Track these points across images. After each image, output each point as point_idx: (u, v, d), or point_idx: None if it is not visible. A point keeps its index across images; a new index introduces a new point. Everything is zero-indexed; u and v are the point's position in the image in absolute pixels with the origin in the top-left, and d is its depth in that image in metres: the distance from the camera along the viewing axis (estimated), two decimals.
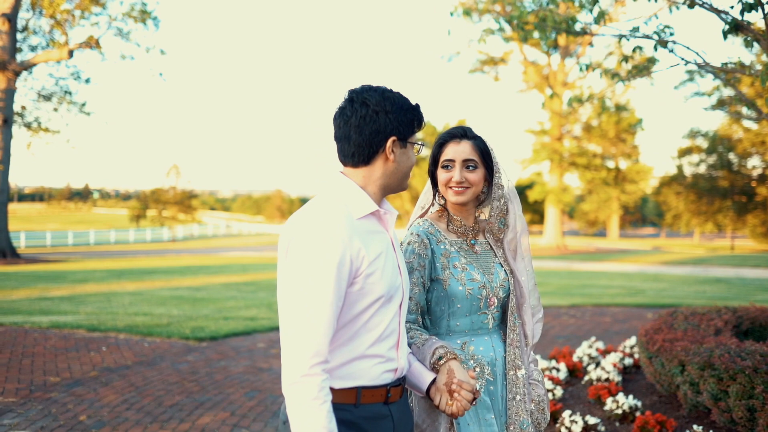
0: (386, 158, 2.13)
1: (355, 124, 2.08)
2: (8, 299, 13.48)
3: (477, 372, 2.55)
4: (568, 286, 17.81)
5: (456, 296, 2.54)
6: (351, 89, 2.15)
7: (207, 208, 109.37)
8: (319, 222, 1.99)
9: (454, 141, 2.63)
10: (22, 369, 7.32)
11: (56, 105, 27.98)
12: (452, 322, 2.57)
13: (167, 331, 9.49)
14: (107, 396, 6.41)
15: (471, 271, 2.58)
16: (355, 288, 2.01)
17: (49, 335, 9.04)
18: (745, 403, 4.46)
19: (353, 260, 1.98)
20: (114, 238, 50.97)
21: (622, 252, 42.14)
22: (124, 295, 14.52)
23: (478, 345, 2.59)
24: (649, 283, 19.56)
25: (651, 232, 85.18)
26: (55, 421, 5.66)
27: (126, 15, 26.96)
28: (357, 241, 1.99)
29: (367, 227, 2.10)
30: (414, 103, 2.19)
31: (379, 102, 2.09)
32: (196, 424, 5.67)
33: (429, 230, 2.62)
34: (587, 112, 42.22)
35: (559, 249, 41.47)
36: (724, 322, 6.16)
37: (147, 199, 61.49)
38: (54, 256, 30.56)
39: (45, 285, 16.74)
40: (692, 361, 4.89)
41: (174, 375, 7.25)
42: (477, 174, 2.59)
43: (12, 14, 25.42)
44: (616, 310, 12.34)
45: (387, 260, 2.10)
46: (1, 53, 25.40)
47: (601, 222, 68.09)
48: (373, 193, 2.16)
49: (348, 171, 2.17)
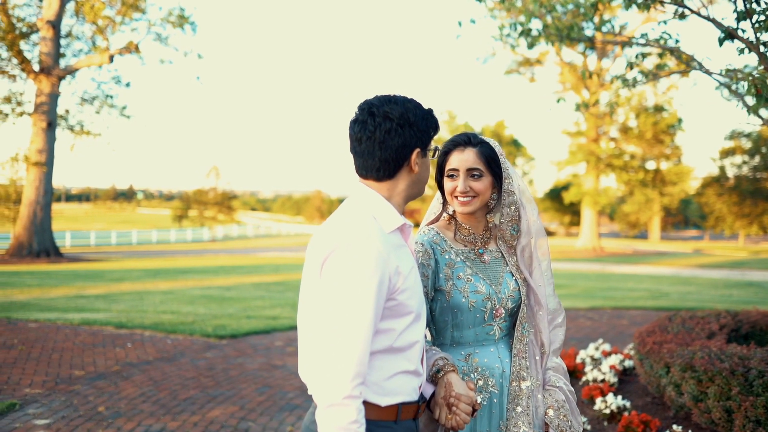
0: (410, 170, 2.11)
1: (379, 140, 2.04)
2: (47, 297, 14.07)
3: (481, 384, 2.50)
4: (591, 289, 17.79)
5: (459, 308, 2.49)
6: (366, 101, 2.11)
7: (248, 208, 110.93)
8: (358, 238, 1.95)
9: (458, 149, 2.56)
10: (50, 363, 7.75)
11: (98, 108, 28.87)
12: (456, 333, 2.53)
13: (190, 328, 9.88)
14: (126, 389, 6.78)
15: (476, 283, 2.52)
16: (391, 304, 1.99)
17: (80, 331, 9.49)
18: (722, 404, 4.59)
19: (391, 277, 1.97)
20: (156, 238, 52.11)
21: (661, 254, 41.61)
22: (157, 294, 15.02)
23: (483, 356, 2.53)
24: (677, 286, 19.40)
25: (694, 234, 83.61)
26: (76, 411, 6.04)
27: (164, 20, 27.73)
28: (393, 258, 1.98)
29: (396, 241, 2.07)
30: (428, 109, 2.16)
31: (402, 114, 2.05)
32: (206, 417, 5.98)
33: (434, 239, 2.58)
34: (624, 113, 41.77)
35: (595, 251, 41.15)
36: (721, 326, 6.25)
37: (189, 199, 62.78)
38: (96, 255, 31.50)
39: (83, 283, 17.37)
40: (675, 363, 5.03)
41: (191, 370, 7.60)
42: (482, 182, 2.53)
43: (56, 21, 26.35)
44: (634, 313, 12.37)
45: (416, 275, 2.10)
46: (46, 59, 26.35)
47: (642, 224, 67.13)
48: (398, 204, 2.14)
49: (371, 184, 2.13)
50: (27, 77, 26.65)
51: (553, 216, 72.25)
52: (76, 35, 28.43)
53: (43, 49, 26.36)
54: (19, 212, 27.33)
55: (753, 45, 5.52)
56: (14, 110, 26.29)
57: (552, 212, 70.44)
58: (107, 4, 26.67)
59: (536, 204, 2.71)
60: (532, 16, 7.11)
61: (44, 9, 26.38)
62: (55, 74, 26.42)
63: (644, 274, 25.33)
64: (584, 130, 42.89)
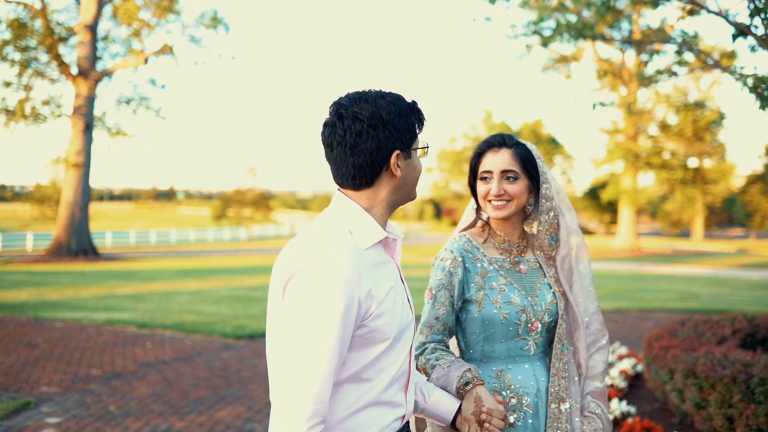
0: (392, 175, 1.85)
1: (350, 144, 1.79)
2: (77, 296, 14.38)
3: (514, 403, 2.33)
4: (620, 290, 17.51)
5: (490, 320, 2.33)
6: (336, 101, 1.86)
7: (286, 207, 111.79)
8: (323, 258, 1.70)
9: (492, 150, 2.42)
10: (70, 362, 7.93)
11: (134, 109, 29.44)
12: (487, 347, 2.37)
13: (210, 329, 10.00)
14: (139, 389, 6.90)
15: (509, 293, 2.35)
16: (362, 331, 1.75)
17: (102, 331, 9.69)
18: (724, 411, 4.48)
19: (362, 302, 1.71)
20: (194, 238, 52.84)
21: (701, 254, 40.71)
22: (185, 294, 15.24)
23: (516, 373, 2.36)
24: (711, 287, 18.97)
25: (740, 233, 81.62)
26: (87, 410, 6.17)
27: (198, 21, 28.17)
28: (366, 279, 1.73)
29: (375, 258, 1.83)
30: (410, 101, 1.90)
31: (374, 113, 1.78)
32: (213, 417, 6.06)
33: (465, 247, 2.42)
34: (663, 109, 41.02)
35: (633, 251, 40.44)
36: (734, 330, 6.10)
37: (229, 199, 63.63)
38: (134, 255, 32.07)
39: (115, 283, 17.72)
40: (678, 369, 4.92)
41: (205, 371, 7.70)
42: (518, 186, 2.38)
43: (93, 24, 26.94)
44: (660, 315, 12.14)
45: (396, 296, 1.84)
46: (84, 62, 26.96)
47: (684, 223, 65.83)
48: (380, 215, 1.89)
49: (349, 193, 1.88)
50: (66, 80, 27.31)
51: (592, 215, 71.27)
52: (112, 38, 29.02)
53: (81, 52, 26.97)
54: (58, 213, 28.01)
55: (764, 41, 5.36)
56: (53, 113, 26.93)
57: (591, 211, 69.49)
58: (142, 6, 27.18)
59: (575, 211, 2.53)
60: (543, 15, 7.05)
61: (82, 13, 27.01)
62: (92, 77, 27.00)
63: (680, 274, 24.84)
64: (622, 128, 42.22)
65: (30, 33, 25.90)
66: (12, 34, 25.60)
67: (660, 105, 40.26)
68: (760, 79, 4.40)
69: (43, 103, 26.91)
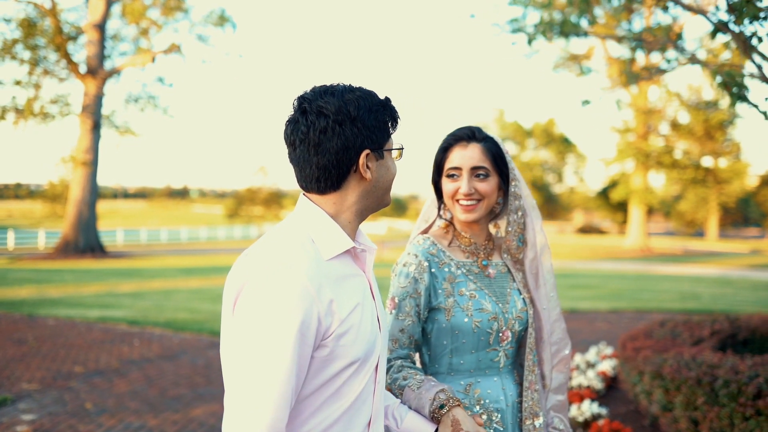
0: (361, 177, 1.67)
1: (314, 142, 1.61)
2: (78, 294, 14.48)
3: (484, 419, 2.15)
4: (621, 290, 17.36)
5: (461, 329, 2.15)
6: (301, 95, 1.68)
7: None
8: (276, 270, 1.52)
9: (460, 144, 2.23)
10: (55, 359, 7.97)
11: (142, 107, 29.62)
12: (455, 359, 2.18)
13: (200, 326, 10.03)
14: (119, 386, 6.91)
15: (480, 300, 2.18)
16: (323, 352, 1.56)
17: (93, 328, 9.74)
18: (689, 414, 4.41)
19: (321, 319, 1.53)
20: (205, 236, 53.07)
21: (713, 254, 40.30)
22: (184, 292, 15.29)
23: (486, 387, 2.19)
24: (715, 288, 18.76)
25: (755, 233, 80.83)
26: (64, 407, 6.18)
27: (205, 20, 28.32)
28: (327, 293, 1.55)
29: (340, 270, 1.64)
30: (383, 98, 1.72)
31: (340, 108, 1.61)
32: (188, 415, 6.05)
33: (430, 250, 2.23)
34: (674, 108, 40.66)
35: (643, 251, 40.12)
36: (713, 331, 6.01)
37: (242, 198, 63.91)
38: (143, 253, 32.25)
39: (117, 280, 17.82)
40: (647, 370, 4.85)
41: (188, 368, 7.70)
42: (489, 183, 2.20)
43: (102, 23, 27.13)
44: (656, 316, 12.01)
45: (364, 313, 1.65)
46: (92, 61, 27.16)
47: (698, 222, 65.30)
48: (348, 222, 1.70)
49: (314, 197, 1.70)
50: (74, 78, 27.52)
51: (605, 215, 70.89)
52: (120, 37, 29.21)
53: (90, 51, 27.19)
54: (66, 211, 28.23)
55: (737, 36, 5.28)
56: (61, 111, 27.15)
57: (603, 211, 69.11)
58: (150, 5, 27.35)
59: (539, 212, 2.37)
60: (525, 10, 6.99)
61: (91, 12, 27.21)
62: (100, 75, 27.20)
63: (687, 275, 24.60)
64: (632, 127, 41.89)
65: (39, 32, 26.15)
66: (22, 33, 25.85)
67: (671, 103, 39.89)
68: (729, 75, 4.31)
69: (51, 102, 27.13)
